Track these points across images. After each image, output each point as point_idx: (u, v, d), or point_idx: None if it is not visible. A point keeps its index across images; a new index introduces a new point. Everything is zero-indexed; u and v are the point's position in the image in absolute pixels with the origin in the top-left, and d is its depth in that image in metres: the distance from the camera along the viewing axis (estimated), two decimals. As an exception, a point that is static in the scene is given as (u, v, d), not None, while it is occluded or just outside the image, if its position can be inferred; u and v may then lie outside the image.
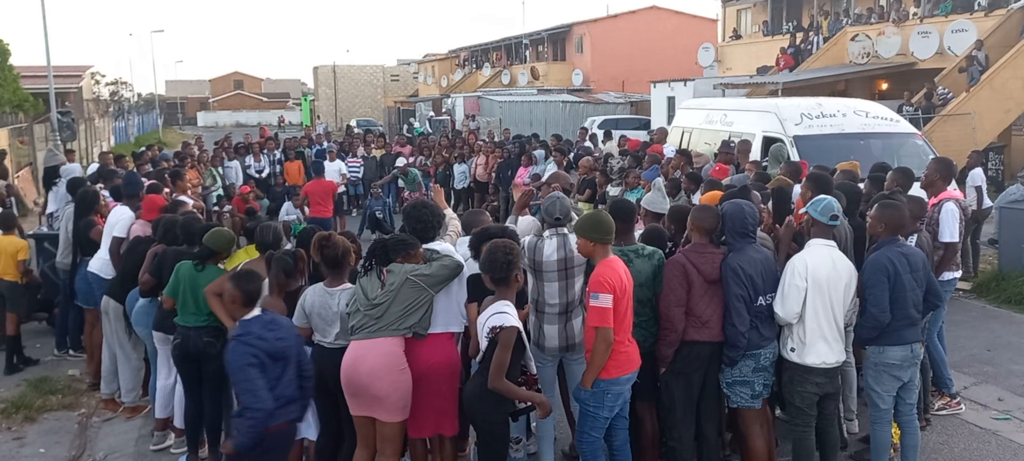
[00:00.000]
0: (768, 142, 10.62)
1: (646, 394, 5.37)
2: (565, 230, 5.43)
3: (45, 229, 10.51)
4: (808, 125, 10.89)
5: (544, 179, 7.39)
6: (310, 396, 4.87)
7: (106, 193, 8.84)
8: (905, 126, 11.76)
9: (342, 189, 16.43)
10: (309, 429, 5.36)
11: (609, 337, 4.70)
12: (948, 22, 21.41)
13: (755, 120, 11.66)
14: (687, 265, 5.06)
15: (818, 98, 12.91)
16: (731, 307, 5.00)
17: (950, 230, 6.57)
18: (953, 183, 7.51)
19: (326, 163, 16.88)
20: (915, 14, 23.58)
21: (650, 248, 5.39)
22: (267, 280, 5.44)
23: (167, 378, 6.42)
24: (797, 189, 6.77)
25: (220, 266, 6.05)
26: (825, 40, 25.79)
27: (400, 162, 17.16)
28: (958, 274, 6.85)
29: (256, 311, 4.62)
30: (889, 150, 10.38)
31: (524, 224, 6.05)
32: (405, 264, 4.90)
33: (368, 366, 4.83)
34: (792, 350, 5.15)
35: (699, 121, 13.54)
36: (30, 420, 7.32)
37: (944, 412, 6.70)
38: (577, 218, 5.29)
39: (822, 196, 5.32)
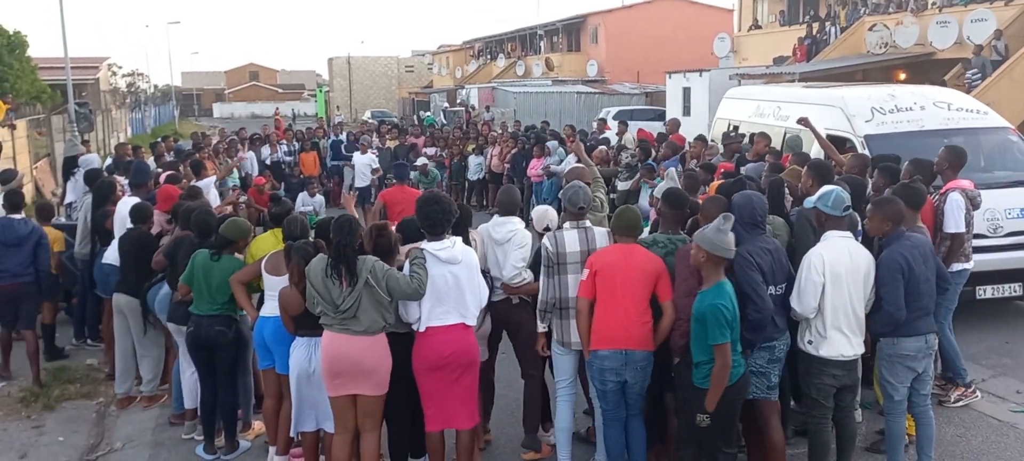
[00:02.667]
0: (832, 142, 9.20)
1: (670, 384, 5.39)
2: (587, 222, 5.46)
3: (62, 219, 10.60)
4: (880, 122, 9.36)
5: (566, 172, 7.35)
6: (43, 276, 7.83)
7: (124, 181, 8.91)
8: (995, 119, 9.81)
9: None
10: (329, 422, 5.40)
11: (580, 305, 5.15)
12: (967, 12, 21.17)
13: (815, 115, 9.93)
14: None
15: (890, 87, 11.15)
16: (749, 291, 4.91)
17: (955, 221, 6.45)
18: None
19: (358, 155, 16.68)
20: (933, 4, 23.33)
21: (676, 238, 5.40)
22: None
23: (189, 367, 6.45)
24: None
25: (238, 256, 6.09)
26: (842, 30, 25.57)
27: (420, 162, 16.77)
28: (968, 265, 6.70)
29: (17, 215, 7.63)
30: (977, 148, 8.82)
31: (538, 213, 6.06)
32: (368, 257, 4.97)
33: (357, 345, 4.94)
34: (809, 342, 5.11)
35: (748, 113, 12.08)
36: (49, 409, 7.39)
37: (961, 403, 6.65)
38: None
39: (830, 188, 5.25)
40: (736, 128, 11.87)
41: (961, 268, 6.59)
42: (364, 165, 16.11)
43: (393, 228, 5.46)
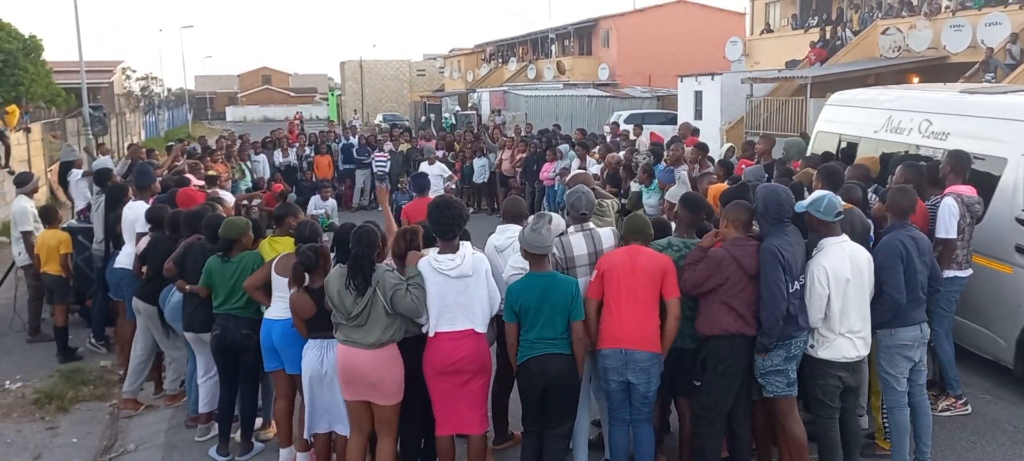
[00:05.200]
0: None
1: (685, 389, 5.40)
2: (591, 224, 5.50)
3: (75, 222, 10.67)
4: None
5: (568, 178, 7.37)
6: None
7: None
8: None
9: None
10: (341, 424, 5.44)
11: (587, 306, 5.16)
12: (981, 15, 21.05)
13: (1002, 134, 7.13)
14: (729, 258, 5.03)
15: None
16: (768, 291, 4.91)
17: (945, 227, 6.33)
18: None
19: (426, 165, 15.88)
20: (947, 7, 23.21)
21: (687, 242, 5.40)
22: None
23: (206, 373, 6.49)
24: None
25: (253, 252, 6.11)
26: (855, 34, 25.47)
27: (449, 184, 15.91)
28: (964, 273, 6.60)
29: None
30: None
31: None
32: (380, 266, 5.07)
33: (362, 358, 5.02)
34: (811, 346, 5.14)
35: (876, 126, 8.80)
36: (63, 410, 7.44)
37: (948, 412, 6.57)
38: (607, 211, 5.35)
39: (822, 193, 5.25)
40: (853, 147, 8.91)
41: (953, 275, 6.47)
42: (435, 177, 15.55)
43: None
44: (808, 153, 9.37)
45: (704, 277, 5.03)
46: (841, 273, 5.00)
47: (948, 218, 6.36)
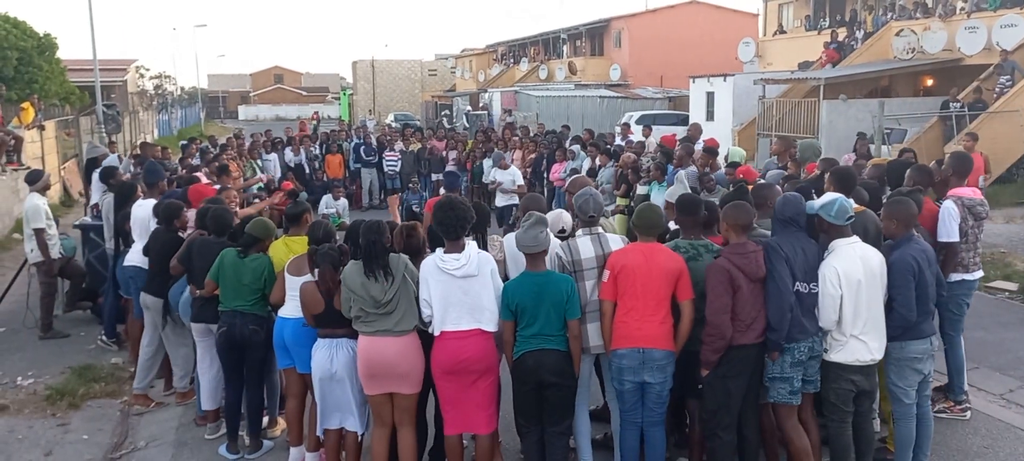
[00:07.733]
0: None
1: (695, 392, 5.37)
2: (599, 228, 5.47)
3: (89, 219, 10.71)
4: None
5: (568, 182, 7.30)
6: None
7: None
8: None
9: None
10: (351, 420, 5.45)
11: (604, 308, 5.19)
12: (997, 17, 20.86)
13: None
14: (731, 269, 4.99)
15: None
16: (774, 286, 4.93)
17: (947, 230, 6.28)
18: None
19: (499, 173, 13.93)
20: (962, 9, 23.04)
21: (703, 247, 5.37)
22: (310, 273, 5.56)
23: (210, 368, 6.51)
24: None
25: (265, 256, 6.13)
26: (868, 35, 25.31)
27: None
28: (972, 276, 6.53)
29: None
30: None
31: (552, 216, 6.08)
32: (401, 256, 5.20)
33: (395, 348, 5.11)
34: (825, 350, 5.12)
35: None
36: (74, 407, 7.47)
37: (944, 415, 6.51)
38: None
39: (833, 196, 5.23)
40: None
41: (960, 278, 6.43)
42: (510, 183, 13.78)
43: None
44: None
45: (723, 291, 4.96)
46: (853, 274, 4.98)
47: (949, 222, 6.32)
